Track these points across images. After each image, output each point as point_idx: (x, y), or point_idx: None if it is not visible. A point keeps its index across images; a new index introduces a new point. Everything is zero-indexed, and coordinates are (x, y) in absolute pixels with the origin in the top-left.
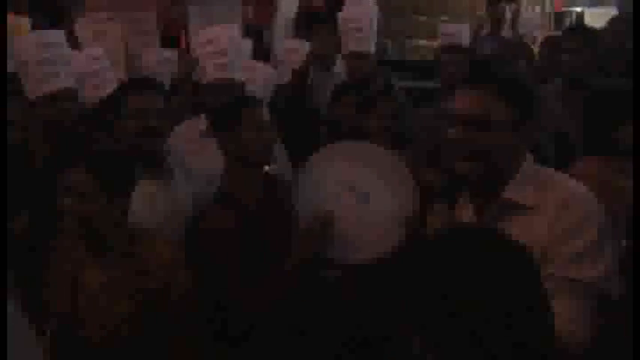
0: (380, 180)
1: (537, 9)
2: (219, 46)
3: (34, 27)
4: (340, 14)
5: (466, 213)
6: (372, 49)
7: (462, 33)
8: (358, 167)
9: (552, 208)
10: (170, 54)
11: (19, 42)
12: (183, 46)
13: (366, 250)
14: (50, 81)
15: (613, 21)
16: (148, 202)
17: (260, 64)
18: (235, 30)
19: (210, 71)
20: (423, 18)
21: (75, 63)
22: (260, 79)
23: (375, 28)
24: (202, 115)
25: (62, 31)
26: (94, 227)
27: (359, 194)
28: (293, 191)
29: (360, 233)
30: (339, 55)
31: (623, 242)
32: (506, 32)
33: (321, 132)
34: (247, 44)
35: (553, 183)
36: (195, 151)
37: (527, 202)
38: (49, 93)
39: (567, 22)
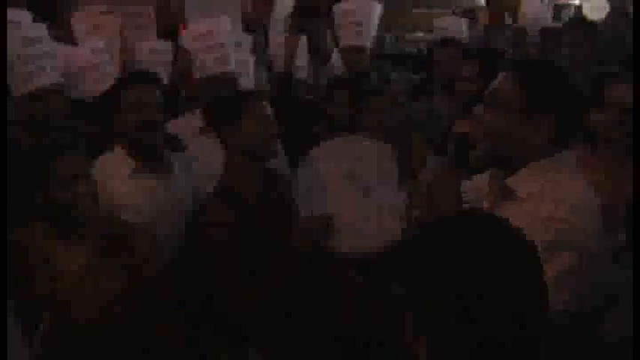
0: (380, 174)
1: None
2: (217, 39)
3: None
4: (336, 7)
5: None
6: (369, 43)
7: (457, 26)
8: (358, 161)
9: (540, 198)
10: (165, 46)
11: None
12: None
13: (367, 242)
14: (35, 78)
15: (612, 14)
16: (147, 196)
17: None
18: (228, 22)
19: (209, 65)
20: (421, 11)
21: (75, 56)
22: (252, 74)
23: (374, 21)
24: (198, 111)
25: (44, 26)
26: (75, 211)
27: (359, 186)
28: (293, 184)
29: (361, 225)
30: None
31: (622, 236)
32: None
33: (320, 127)
34: (247, 39)
35: (557, 178)
36: (192, 146)
37: (523, 191)
38: (35, 90)
39: (566, 14)
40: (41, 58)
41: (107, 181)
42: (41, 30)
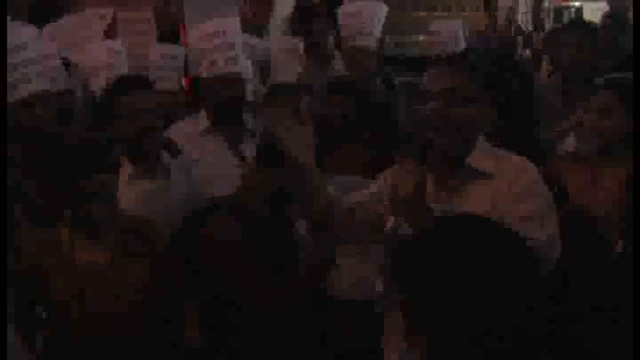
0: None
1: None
2: (227, 39)
3: None
4: (341, 8)
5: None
6: (374, 44)
7: (451, 31)
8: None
9: (510, 174)
10: (178, 50)
11: None
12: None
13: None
14: (21, 87)
15: (610, 16)
16: (145, 200)
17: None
18: (237, 23)
19: (221, 65)
20: (422, 13)
21: (89, 56)
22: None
23: (378, 22)
24: (200, 114)
25: (33, 31)
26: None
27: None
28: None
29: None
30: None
31: (617, 248)
32: None
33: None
34: (262, 45)
35: (504, 155)
36: (195, 149)
37: (488, 169)
38: (20, 99)
39: (566, 16)
40: (26, 65)
41: None
42: (25, 36)
